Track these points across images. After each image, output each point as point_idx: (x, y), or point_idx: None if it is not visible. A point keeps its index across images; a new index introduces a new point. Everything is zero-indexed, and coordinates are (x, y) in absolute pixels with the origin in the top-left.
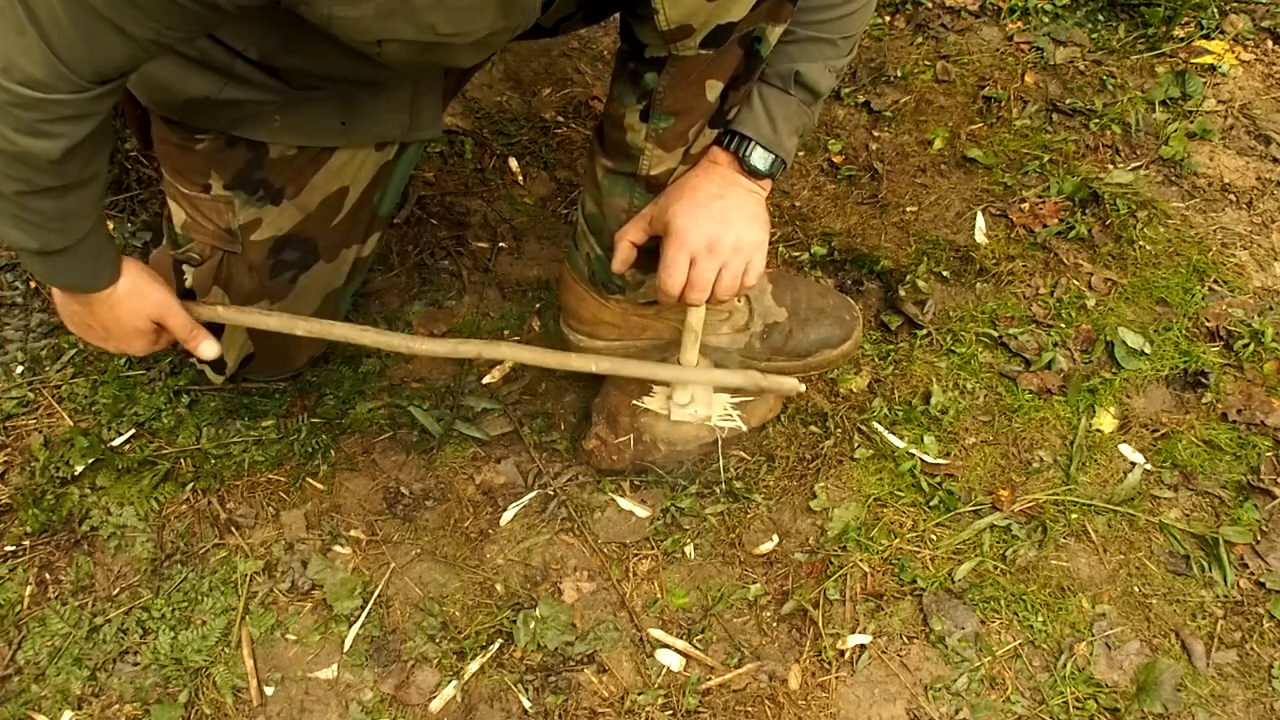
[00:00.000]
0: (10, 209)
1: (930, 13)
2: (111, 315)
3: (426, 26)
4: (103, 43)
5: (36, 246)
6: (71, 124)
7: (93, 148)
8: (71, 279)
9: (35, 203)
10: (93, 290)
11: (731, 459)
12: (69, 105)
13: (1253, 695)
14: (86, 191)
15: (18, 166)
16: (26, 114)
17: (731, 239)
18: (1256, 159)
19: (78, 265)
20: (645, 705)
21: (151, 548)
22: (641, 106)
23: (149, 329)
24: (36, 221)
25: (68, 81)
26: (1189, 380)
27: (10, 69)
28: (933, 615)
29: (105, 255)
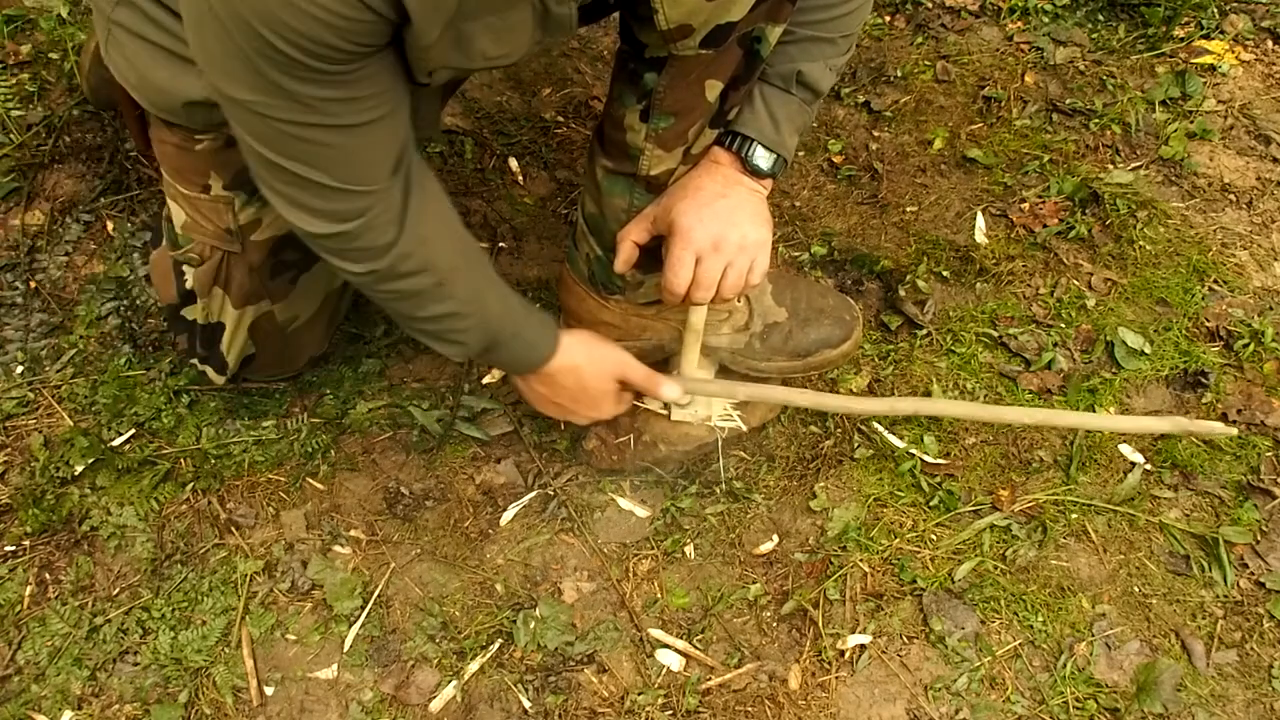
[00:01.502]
0: (418, 330)
1: (930, 13)
2: (580, 383)
3: (477, 54)
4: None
5: (458, 354)
6: (383, 229)
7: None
8: (519, 359)
9: (429, 311)
10: (539, 364)
11: (731, 459)
12: (380, 210)
13: (1253, 695)
14: (467, 279)
15: (392, 285)
16: (349, 246)
17: (736, 237)
18: (1256, 159)
19: (514, 347)
20: (645, 705)
21: (151, 548)
22: (641, 107)
23: (615, 389)
24: (443, 331)
25: (363, 195)
26: (1189, 380)
27: (319, 218)
28: (933, 615)
29: (537, 325)
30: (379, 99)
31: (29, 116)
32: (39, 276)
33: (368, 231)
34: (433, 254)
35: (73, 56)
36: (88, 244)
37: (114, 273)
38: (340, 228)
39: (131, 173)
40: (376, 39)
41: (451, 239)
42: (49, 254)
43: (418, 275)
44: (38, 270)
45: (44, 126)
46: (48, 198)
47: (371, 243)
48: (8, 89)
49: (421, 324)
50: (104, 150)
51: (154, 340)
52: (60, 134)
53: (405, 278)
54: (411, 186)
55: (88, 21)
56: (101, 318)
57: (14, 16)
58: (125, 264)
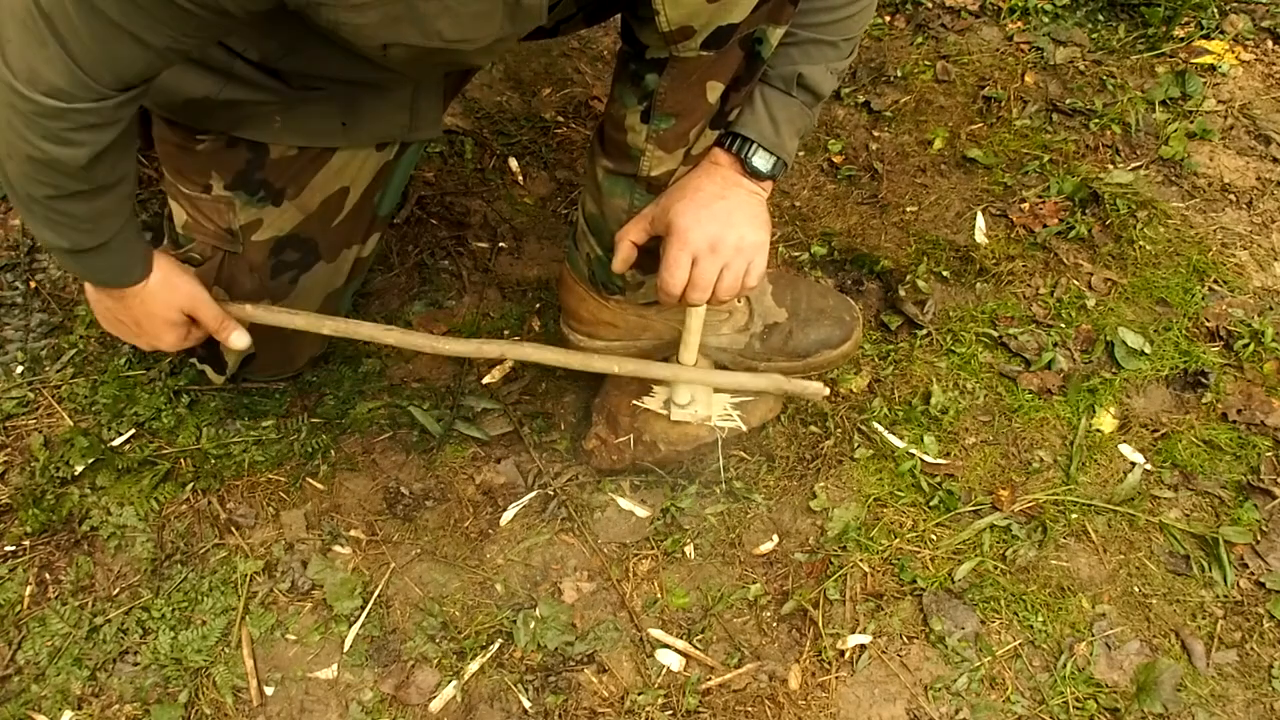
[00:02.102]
0: (42, 212)
1: (930, 13)
2: (144, 309)
3: (433, 33)
4: (121, 51)
5: (68, 246)
6: (96, 131)
7: (119, 152)
8: (104, 275)
9: (66, 206)
10: (125, 285)
11: (731, 459)
12: (93, 113)
13: (1253, 695)
14: (115, 192)
15: (47, 172)
16: (52, 123)
17: (734, 239)
18: (1256, 159)
19: (110, 262)
20: (645, 705)
21: (151, 548)
22: (642, 108)
23: (180, 321)
24: (68, 223)
25: (90, 90)
26: (1189, 380)
27: (35, 80)
28: (933, 615)
29: (137, 251)
30: (182, 41)
31: None
32: (39, 276)
33: (71, 117)
34: (104, 171)
35: None
36: None
37: None
38: (49, 101)
39: None
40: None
41: (124, 162)
42: (49, 254)
43: (80, 180)
44: (38, 270)
45: None
46: None
47: (71, 136)
48: None
49: (47, 211)
50: None
51: None
52: None
53: (70, 176)
54: (126, 112)
55: None
56: None
57: None
58: None
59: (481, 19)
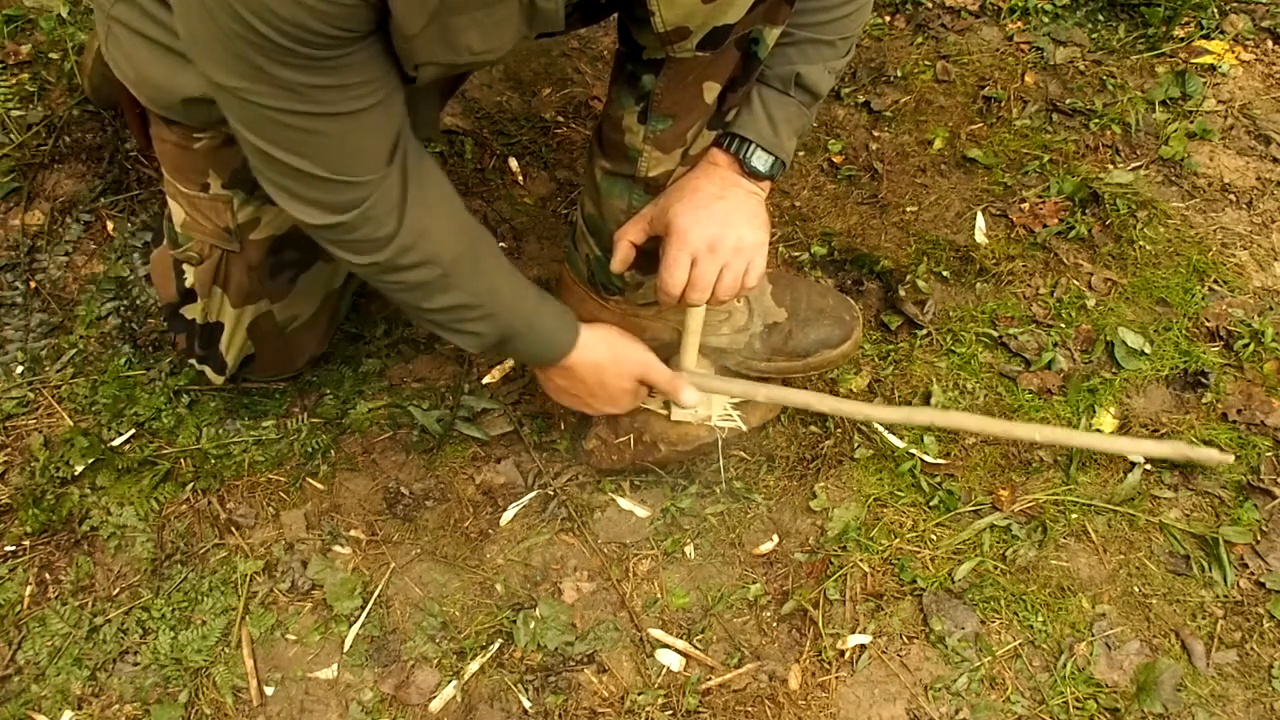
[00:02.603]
0: (429, 321)
1: (930, 13)
2: (600, 379)
3: (463, 48)
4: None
5: (473, 346)
6: (381, 220)
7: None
8: (533, 354)
9: (437, 301)
10: (557, 359)
11: (731, 459)
12: (378, 199)
13: (1253, 695)
14: (475, 270)
15: (389, 276)
16: (349, 237)
17: (733, 239)
18: (1256, 159)
19: (528, 345)
20: (645, 705)
21: (151, 548)
22: (639, 108)
23: (634, 387)
24: (452, 322)
25: (360, 185)
26: (1189, 380)
27: (318, 210)
28: (933, 615)
29: (555, 319)
30: (368, 86)
31: (29, 116)
32: (39, 276)
33: (365, 223)
34: (435, 245)
35: (73, 56)
36: (88, 244)
37: (114, 273)
38: (337, 219)
39: (131, 173)
40: (360, 25)
41: (456, 229)
42: (49, 254)
43: (421, 267)
44: (38, 270)
45: (44, 126)
46: (48, 198)
47: (370, 234)
48: (8, 89)
49: (431, 315)
50: (104, 150)
51: (154, 340)
52: (60, 134)
53: (408, 270)
54: (410, 177)
55: (88, 21)
56: (101, 318)
57: (14, 16)
58: (125, 264)
59: (503, 26)
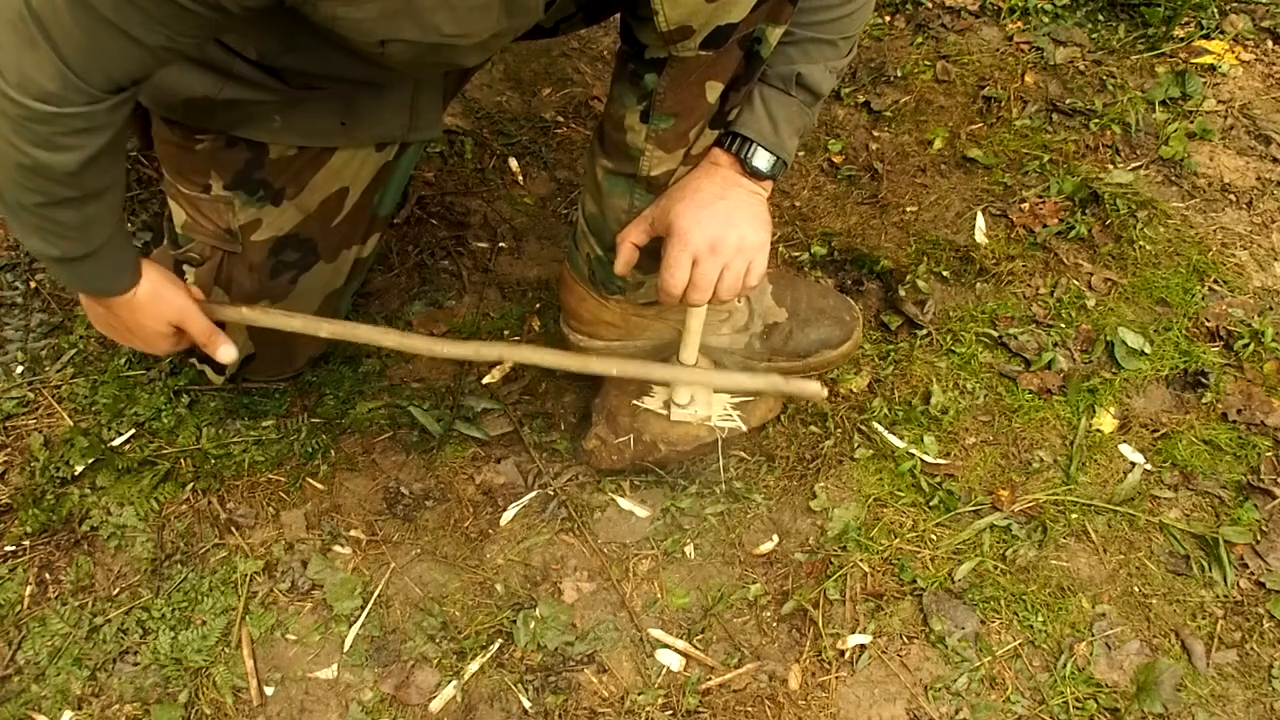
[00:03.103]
0: (31, 220)
1: (930, 13)
2: (133, 319)
3: (431, 28)
4: (114, 51)
5: (57, 254)
6: (87, 136)
7: (109, 158)
8: (92, 284)
9: (55, 213)
10: (112, 294)
11: (731, 459)
12: (84, 118)
13: (1253, 695)
14: (105, 200)
15: (36, 179)
16: (42, 128)
17: (734, 239)
18: (1256, 159)
19: (98, 271)
20: (645, 705)
21: (151, 548)
22: (642, 108)
23: (170, 332)
24: (57, 231)
25: (82, 93)
26: (1189, 380)
27: (25, 84)
28: (933, 615)
29: (125, 261)
30: (178, 40)
31: None
32: (39, 276)
33: (61, 122)
34: (96, 178)
35: None
36: None
37: None
38: (40, 106)
39: (132, 173)
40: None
41: (116, 168)
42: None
43: (71, 187)
44: (38, 270)
45: None
46: None
47: (63, 141)
48: None
49: (34, 219)
50: None
51: None
52: None
53: (59, 184)
54: (119, 116)
55: None
56: None
57: None
58: None
59: (479, 12)
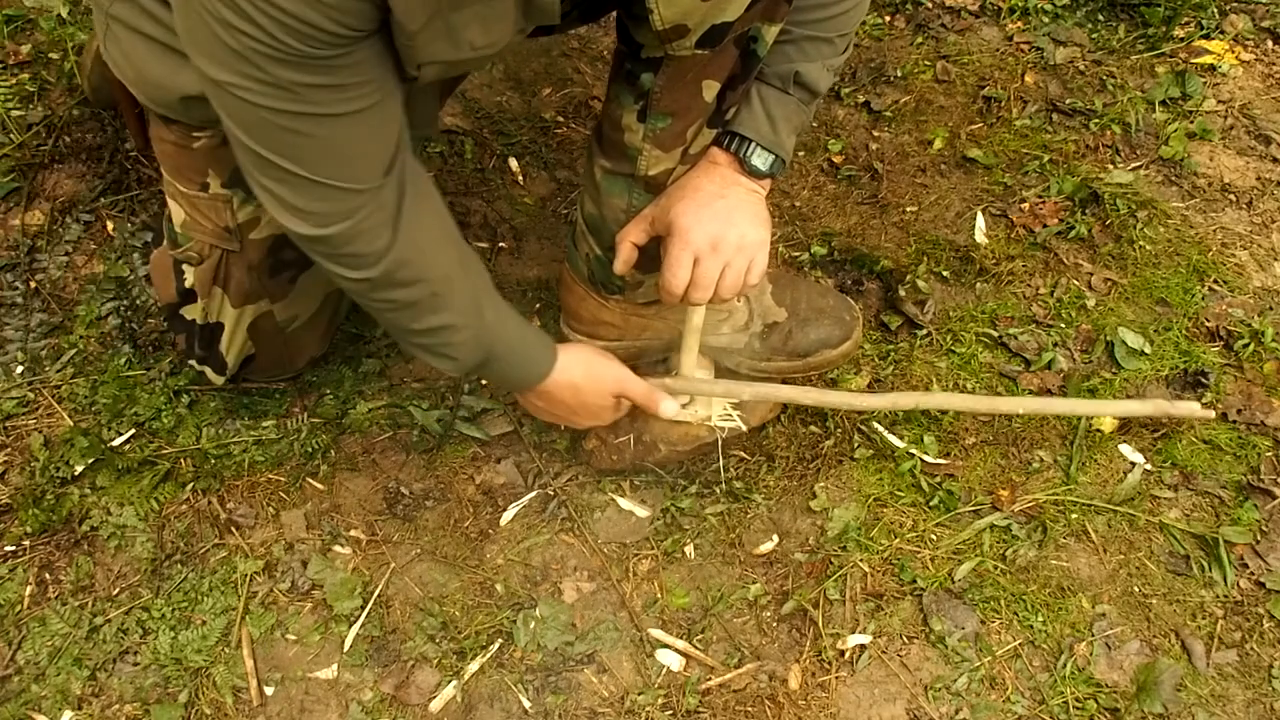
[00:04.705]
0: (413, 343)
1: (930, 13)
2: (579, 400)
3: (465, 44)
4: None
5: (452, 369)
6: (375, 234)
7: (422, 236)
8: (513, 379)
9: (420, 322)
10: (536, 383)
11: (731, 459)
12: (367, 211)
13: (1253, 695)
14: (458, 290)
15: (380, 293)
16: (350, 248)
17: (735, 238)
18: (1256, 159)
19: (507, 368)
20: (645, 705)
21: (151, 548)
22: (639, 107)
23: (613, 403)
24: (437, 344)
25: (356, 196)
26: (1189, 380)
27: (314, 220)
28: (933, 615)
29: (531, 344)
30: (367, 88)
31: (29, 116)
32: (39, 276)
33: (358, 236)
34: (429, 263)
35: (73, 56)
36: (88, 244)
37: (114, 273)
38: (329, 230)
39: (131, 173)
40: (363, 23)
41: (449, 248)
42: (49, 254)
43: (412, 285)
44: (38, 270)
45: (44, 126)
46: (48, 198)
47: (363, 248)
48: (8, 89)
49: (416, 336)
50: (104, 150)
51: (154, 340)
52: (60, 134)
53: (399, 287)
54: (406, 190)
55: (88, 21)
56: (101, 318)
57: (14, 16)
58: (125, 264)
59: (502, 20)
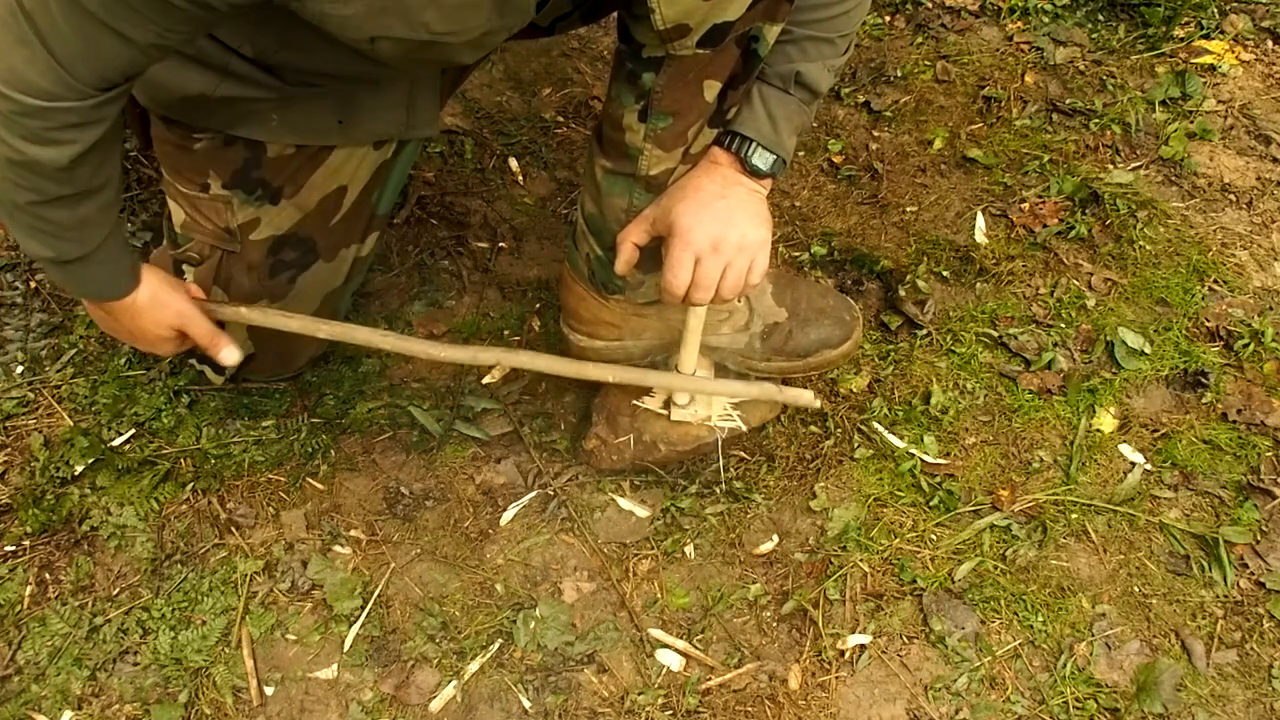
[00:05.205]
0: (25, 219)
1: (930, 13)
2: (134, 323)
3: (420, 24)
4: (103, 48)
5: (52, 255)
6: (79, 130)
7: (102, 154)
8: (90, 288)
9: (49, 212)
10: (112, 298)
11: (731, 459)
12: (75, 112)
13: (1253, 695)
14: (99, 199)
15: (29, 176)
16: (33, 123)
17: (735, 238)
18: (1256, 159)
19: (95, 274)
20: (645, 705)
21: (151, 548)
22: (640, 106)
23: (172, 335)
24: (52, 231)
25: (72, 89)
26: (1189, 380)
27: (14, 79)
28: (933, 615)
29: (123, 264)
30: (166, 36)
31: None
32: (39, 277)
33: (53, 117)
34: (89, 174)
35: None
36: None
37: None
38: (24, 99)
39: (131, 173)
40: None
41: (109, 166)
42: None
43: (64, 184)
44: (38, 270)
45: None
46: None
47: (55, 136)
48: None
49: (28, 218)
50: None
51: None
52: None
53: (52, 180)
54: (112, 111)
55: None
56: None
57: None
58: None
59: (468, 10)
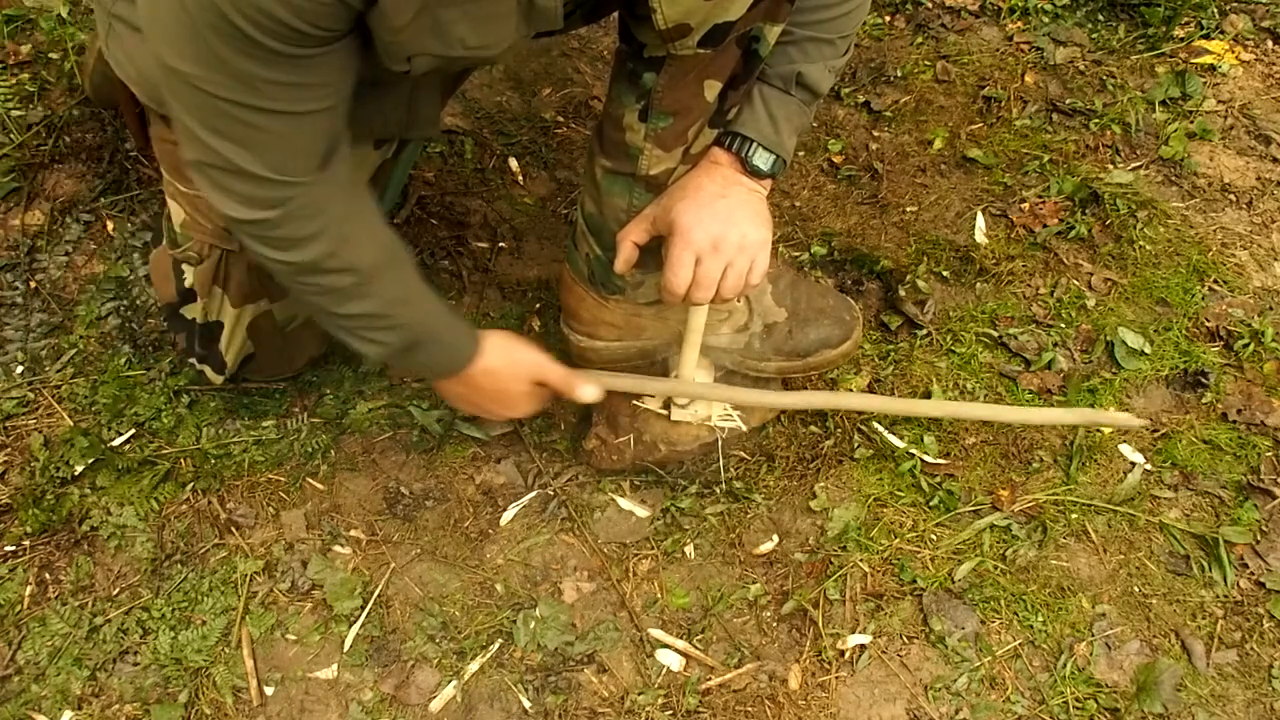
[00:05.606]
0: (338, 326)
1: (930, 13)
2: (497, 385)
3: (455, 41)
4: (286, 134)
5: (384, 352)
6: (305, 221)
7: (355, 228)
8: (437, 367)
9: (348, 307)
10: (460, 369)
11: (731, 459)
12: (299, 204)
13: (1253, 695)
14: (388, 279)
15: (310, 277)
16: (275, 232)
17: (736, 237)
18: (1256, 159)
19: (432, 354)
20: (645, 705)
21: (151, 548)
22: (640, 106)
23: (533, 389)
24: (363, 328)
25: (292, 186)
26: (1189, 380)
27: (248, 203)
28: (933, 615)
29: (456, 331)
30: (324, 90)
31: (29, 116)
32: (39, 276)
33: (289, 221)
34: (356, 252)
35: (73, 56)
36: (88, 244)
37: (114, 273)
38: (262, 214)
39: (131, 173)
40: (337, 24)
41: (376, 239)
42: (49, 254)
43: (339, 273)
44: (38, 270)
45: (44, 126)
46: (48, 198)
47: (293, 233)
48: (8, 89)
49: (341, 320)
50: (104, 150)
51: (154, 340)
52: (60, 134)
53: (326, 274)
54: (339, 183)
55: (88, 21)
56: (101, 318)
57: (14, 16)
58: (125, 264)
59: (498, 22)
